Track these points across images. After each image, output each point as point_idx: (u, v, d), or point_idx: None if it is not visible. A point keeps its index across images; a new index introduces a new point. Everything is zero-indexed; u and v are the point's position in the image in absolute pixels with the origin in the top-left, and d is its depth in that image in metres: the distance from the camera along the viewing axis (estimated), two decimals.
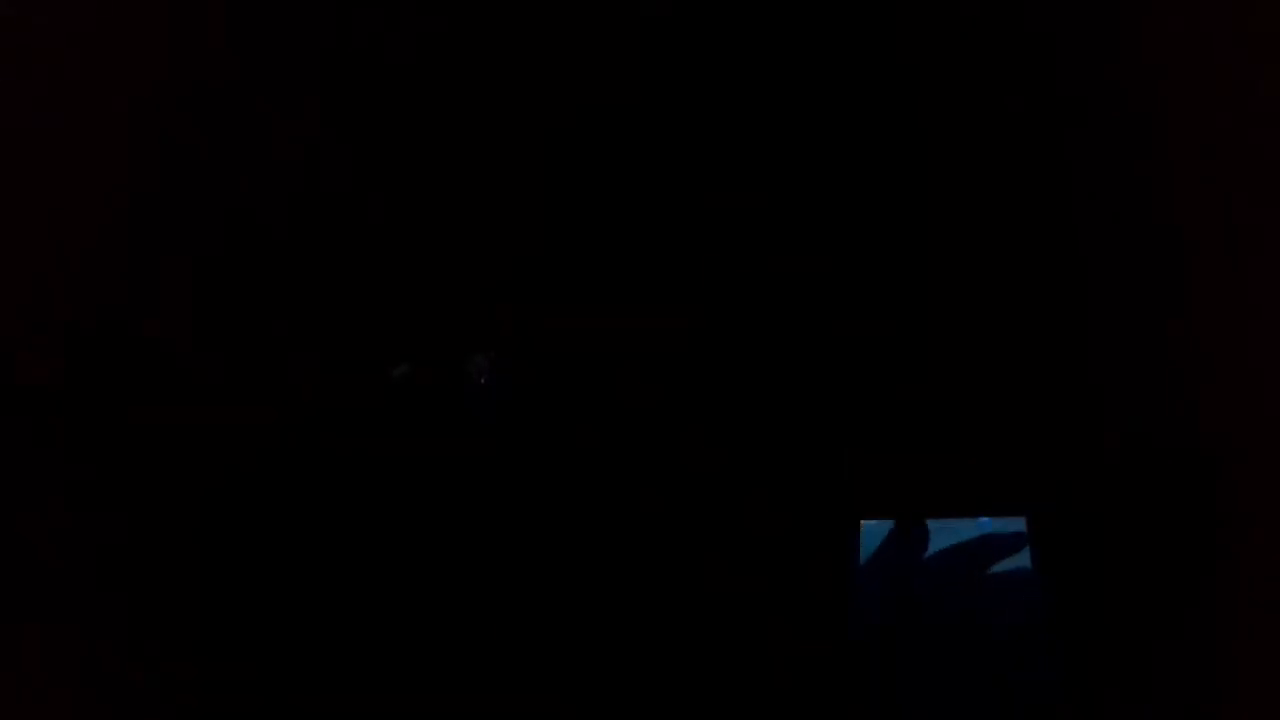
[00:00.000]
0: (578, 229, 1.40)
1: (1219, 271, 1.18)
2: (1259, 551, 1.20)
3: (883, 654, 1.83)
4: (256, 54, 1.25)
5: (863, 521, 1.98)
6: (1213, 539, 1.24)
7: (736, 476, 1.49)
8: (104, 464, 1.24)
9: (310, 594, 1.40)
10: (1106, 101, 1.26)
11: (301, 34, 1.25)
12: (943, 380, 1.55)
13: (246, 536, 1.36)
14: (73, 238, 1.20)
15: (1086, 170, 1.31)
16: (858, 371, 1.53)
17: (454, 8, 1.29)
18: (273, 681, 1.38)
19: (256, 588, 1.37)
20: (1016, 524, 1.98)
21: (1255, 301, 1.15)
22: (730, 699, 1.50)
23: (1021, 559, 1.96)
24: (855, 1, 1.34)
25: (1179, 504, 1.28)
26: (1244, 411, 1.18)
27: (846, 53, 1.36)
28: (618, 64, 1.34)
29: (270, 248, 1.32)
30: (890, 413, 1.59)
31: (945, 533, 2.06)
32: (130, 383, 1.25)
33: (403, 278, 1.37)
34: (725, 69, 1.36)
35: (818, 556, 1.57)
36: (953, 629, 1.88)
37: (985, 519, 2.09)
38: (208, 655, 1.35)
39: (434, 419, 1.40)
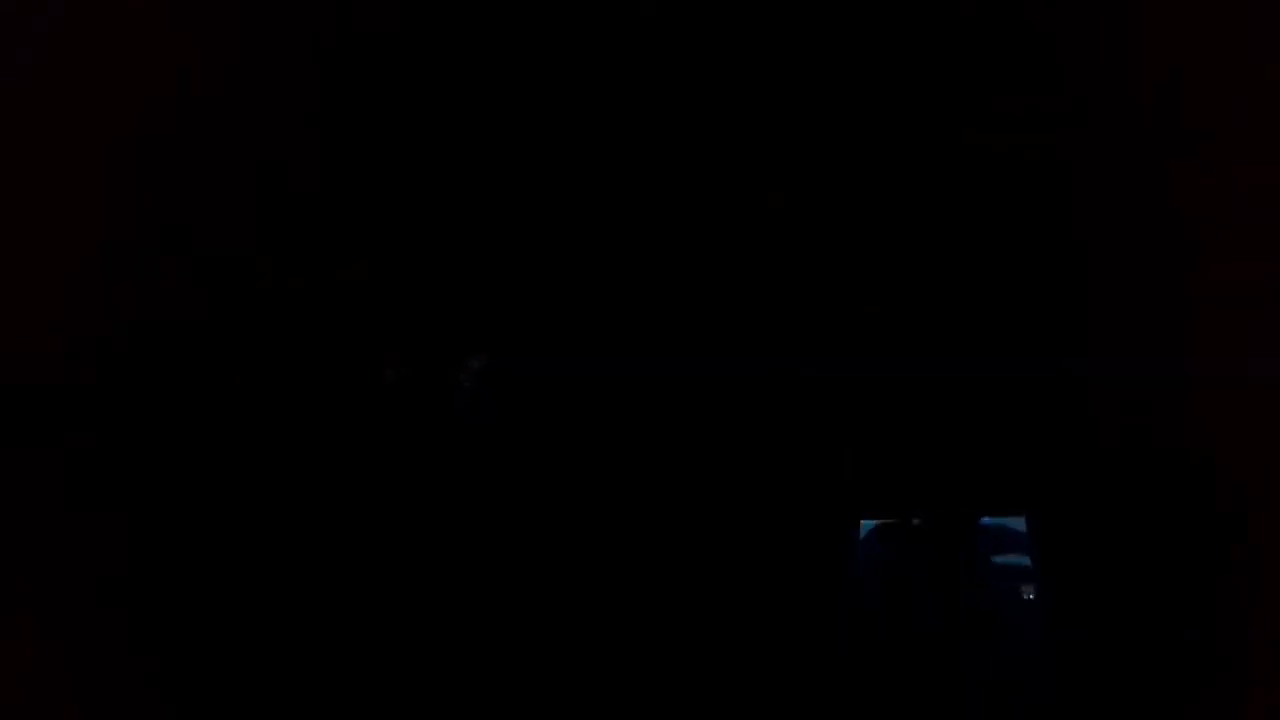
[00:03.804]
0: (575, 230, 1.40)
1: (1220, 270, 1.18)
2: (1258, 551, 1.20)
3: (883, 653, 1.83)
4: (256, 52, 1.24)
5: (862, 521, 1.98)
6: (1212, 538, 1.24)
7: (736, 477, 1.49)
8: (104, 464, 1.24)
9: (307, 594, 1.40)
10: (1107, 101, 1.26)
11: (301, 34, 1.25)
12: (943, 379, 1.55)
13: (243, 538, 1.36)
14: (71, 238, 1.20)
15: (1087, 168, 1.31)
16: (859, 372, 1.53)
17: (449, 10, 1.29)
18: (270, 681, 1.38)
19: (254, 588, 1.37)
20: (1017, 524, 1.98)
21: (1255, 300, 1.15)
22: (727, 697, 1.50)
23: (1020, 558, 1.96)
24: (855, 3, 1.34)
25: (1179, 504, 1.28)
26: (1244, 411, 1.18)
27: (844, 53, 1.36)
28: (613, 66, 1.34)
29: (269, 250, 1.32)
30: (890, 412, 1.59)
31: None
32: (128, 384, 1.25)
33: (398, 281, 1.37)
34: (716, 72, 1.36)
35: (815, 556, 1.57)
36: (955, 626, 1.88)
37: (985, 519, 2.09)
38: (206, 655, 1.35)
39: (427, 421, 1.40)
